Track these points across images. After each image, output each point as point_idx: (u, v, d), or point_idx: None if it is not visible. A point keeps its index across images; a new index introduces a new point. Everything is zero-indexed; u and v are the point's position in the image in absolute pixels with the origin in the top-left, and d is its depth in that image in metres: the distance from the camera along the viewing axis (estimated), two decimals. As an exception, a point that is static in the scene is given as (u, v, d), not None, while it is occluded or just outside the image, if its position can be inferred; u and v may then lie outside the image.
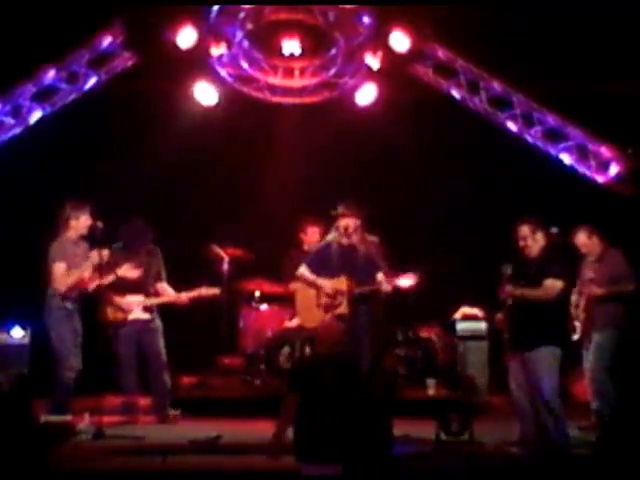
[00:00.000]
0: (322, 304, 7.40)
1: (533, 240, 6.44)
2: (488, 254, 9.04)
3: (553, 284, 6.26)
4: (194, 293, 7.58)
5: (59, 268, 7.01)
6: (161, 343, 7.55)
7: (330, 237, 7.53)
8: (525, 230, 6.46)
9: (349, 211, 7.35)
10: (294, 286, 7.95)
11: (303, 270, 7.54)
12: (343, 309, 7.29)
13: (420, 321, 9.24)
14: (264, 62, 9.46)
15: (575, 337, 7.28)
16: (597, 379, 7.10)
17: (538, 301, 6.23)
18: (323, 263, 7.41)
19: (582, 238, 7.33)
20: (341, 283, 7.31)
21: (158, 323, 7.60)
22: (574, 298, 7.33)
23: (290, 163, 9.49)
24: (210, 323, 8.93)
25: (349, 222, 7.33)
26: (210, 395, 8.43)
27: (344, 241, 7.40)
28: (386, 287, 7.23)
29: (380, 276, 7.33)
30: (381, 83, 9.35)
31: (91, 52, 9.09)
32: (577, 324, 7.27)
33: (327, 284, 7.41)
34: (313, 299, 7.46)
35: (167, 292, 7.66)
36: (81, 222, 7.15)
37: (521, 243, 6.47)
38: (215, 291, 7.69)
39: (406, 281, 7.27)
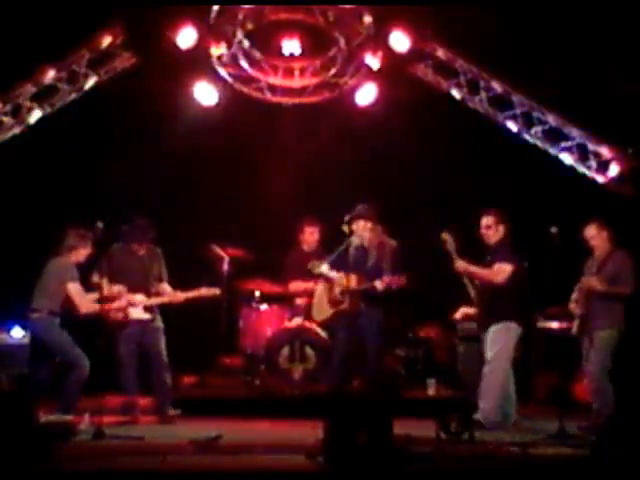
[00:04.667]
0: (331, 299, 7.68)
1: (495, 231, 7.32)
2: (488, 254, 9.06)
3: (500, 268, 7.15)
4: (193, 293, 7.57)
5: (78, 289, 7.15)
6: (162, 343, 7.54)
7: (352, 239, 7.66)
8: (489, 221, 7.34)
9: (358, 214, 7.53)
10: (293, 287, 8.03)
11: (325, 268, 7.73)
12: (345, 306, 7.50)
13: (420, 321, 9.24)
14: (264, 62, 9.47)
15: (573, 333, 7.29)
16: (597, 379, 7.10)
17: (487, 282, 7.17)
18: (341, 262, 7.62)
19: (592, 230, 7.31)
20: (348, 280, 7.47)
21: (159, 323, 7.60)
22: (574, 294, 7.34)
23: (290, 163, 9.49)
24: (210, 323, 8.93)
25: (357, 225, 7.54)
26: (210, 395, 8.43)
27: (359, 243, 7.59)
28: (379, 286, 7.34)
29: (385, 278, 7.42)
30: (381, 83, 9.37)
31: (91, 52, 9.10)
32: (575, 320, 7.28)
33: (338, 278, 7.63)
34: (326, 294, 7.76)
35: (167, 292, 7.66)
36: (86, 251, 7.29)
37: (482, 232, 7.37)
38: (215, 291, 7.69)
39: (394, 281, 7.31)
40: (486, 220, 7.40)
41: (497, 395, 7.05)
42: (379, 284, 7.31)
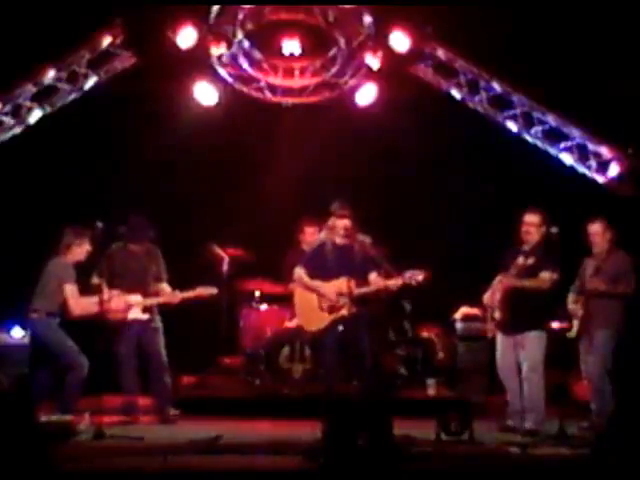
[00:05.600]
0: (325, 307, 7.23)
1: (537, 231, 7.07)
2: (488, 254, 9.06)
3: (550, 277, 6.92)
4: (190, 293, 7.53)
5: (73, 290, 7.13)
6: (161, 343, 7.54)
7: (323, 236, 7.43)
8: (534, 219, 7.09)
9: (347, 211, 7.24)
10: (292, 287, 7.94)
11: (300, 273, 7.35)
12: (346, 311, 7.13)
13: (420, 321, 9.24)
14: (264, 62, 9.48)
15: (572, 334, 7.26)
16: (598, 379, 7.10)
17: (533, 291, 6.92)
18: (319, 264, 7.27)
19: (598, 227, 7.30)
20: (340, 284, 7.20)
21: (158, 323, 7.59)
22: (572, 295, 7.33)
23: (290, 163, 9.48)
24: (210, 323, 8.93)
25: (347, 222, 7.23)
26: (210, 395, 8.43)
27: (339, 241, 7.26)
28: (394, 285, 7.08)
29: (373, 276, 7.19)
30: (381, 83, 9.37)
31: (91, 52, 9.11)
32: (574, 322, 7.26)
33: (328, 290, 7.21)
34: (314, 301, 7.28)
35: (165, 292, 7.63)
36: (83, 249, 7.25)
37: (525, 228, 7.11)
38: (212, 291, 7.63)
39: (415, 277, 7.13)
40: (531, 217, 7.16)
41: (543, 401, 6.99)
42: (392, 284, 7.03)
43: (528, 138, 9.50)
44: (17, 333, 8.07)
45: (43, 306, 7.16)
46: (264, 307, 9.03)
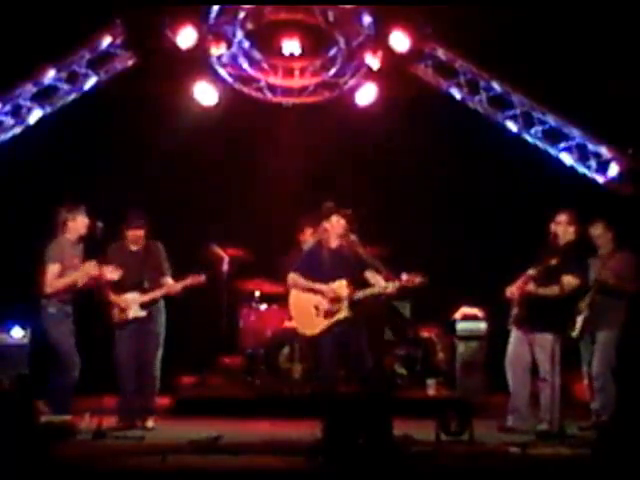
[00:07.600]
0: (322, 310, 7.01)
1: (565, 230, 6.98)
2: (488, 254, 9.08)
3: (570, 282, 6.78)
4: (183, 283, 7.35)
5: (52, 269, 6.96)
6: (156, 351, 7.29)
7: (314, 239, 7.34)
8: (562, 218, 7.02)
9: (337, 211, 7.08)
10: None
11: (295, 277, 7.12)
12: (344, 313, 6.96)
13: (420, 321, 9.25)
14: (264, 62, 9.49)
15: (575, 334, 7.24)
16: (601, 378, 7.09)
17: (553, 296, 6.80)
18: (314, 267, 7.09)
19: (600, 230, 7.33)
20: (338, 287, 7.01)
21: (159, 329, 7.36)
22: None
23: (290, 163, 9.49)
24: (210, 323, 8.93)
25: (332, 224, 7.07)
26: (210, 395, 8.43)
27: (333, 243, 7.12)
28: (391, 289, 6.95)
29: (369, 275, 7.07)
30: (381, 83, 9.38)
31: (91, 52, 9.13)
32: (578, 321, 7.24)
33: (327, 288, 7.00)
34: (310, 305, 7.07)
35: (166, 285, 7.47)
36: (79, 223, 7.14)
37: (552, 227, 7.00)
38: (200, 279, 7.38)
39: (412, 280, 7.05)
40: (559, 216, 7.09)
41: (559, 404, 6.81)
42: (391, 287, 6.87)
43: (528, 138, 9.50)
44: (17, 333, 8.08)
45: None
46: (264, 307, 9.03)
